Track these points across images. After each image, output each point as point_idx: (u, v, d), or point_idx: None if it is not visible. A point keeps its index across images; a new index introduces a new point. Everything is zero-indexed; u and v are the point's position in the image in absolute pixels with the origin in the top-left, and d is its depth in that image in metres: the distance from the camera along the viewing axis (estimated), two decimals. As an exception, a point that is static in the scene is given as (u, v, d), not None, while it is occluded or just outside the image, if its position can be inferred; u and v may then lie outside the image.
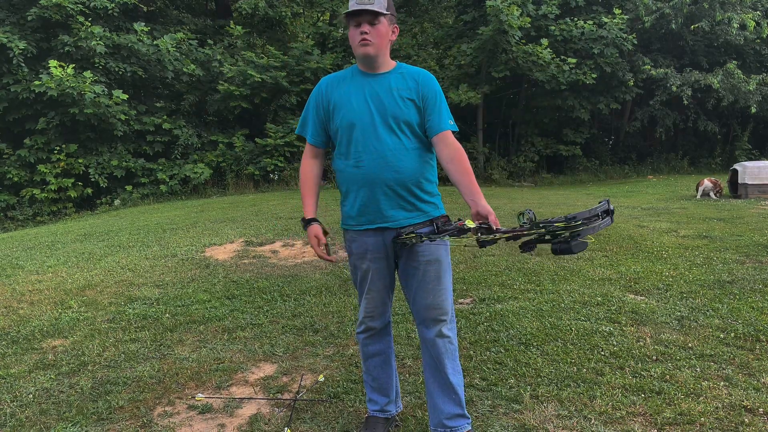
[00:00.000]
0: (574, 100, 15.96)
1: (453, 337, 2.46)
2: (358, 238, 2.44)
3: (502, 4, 13.81)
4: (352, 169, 2.35)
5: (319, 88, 2.46)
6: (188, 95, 14.80)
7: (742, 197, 10.03)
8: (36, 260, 6.25)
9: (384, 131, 2.31)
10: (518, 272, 5.10)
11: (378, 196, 2.32)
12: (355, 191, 2.36)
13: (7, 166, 12.47)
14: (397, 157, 2.30)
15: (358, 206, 2.37)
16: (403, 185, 2.32)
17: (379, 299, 2.48)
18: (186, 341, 3.75)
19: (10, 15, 13.04)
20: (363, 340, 2.56)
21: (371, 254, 2.42)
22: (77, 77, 12.08)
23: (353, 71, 2.43)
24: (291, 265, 5.58)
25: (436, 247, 2.38)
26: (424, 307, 2.41)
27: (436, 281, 2.39)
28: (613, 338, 3.52)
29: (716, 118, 17.95)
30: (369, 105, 2.33)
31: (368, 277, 2.45)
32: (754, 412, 2.62)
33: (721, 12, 15.94)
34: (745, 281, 4.62)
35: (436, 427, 2.44)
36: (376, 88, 2.35)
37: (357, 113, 2.33)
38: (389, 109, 2.31)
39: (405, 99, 2.33)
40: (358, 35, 2.28)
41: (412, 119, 2.33)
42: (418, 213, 2.37)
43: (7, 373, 3.34)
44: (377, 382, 2.57)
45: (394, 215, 2.35)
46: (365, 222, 2.38)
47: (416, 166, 2.34)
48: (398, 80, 2.36)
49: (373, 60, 2.34)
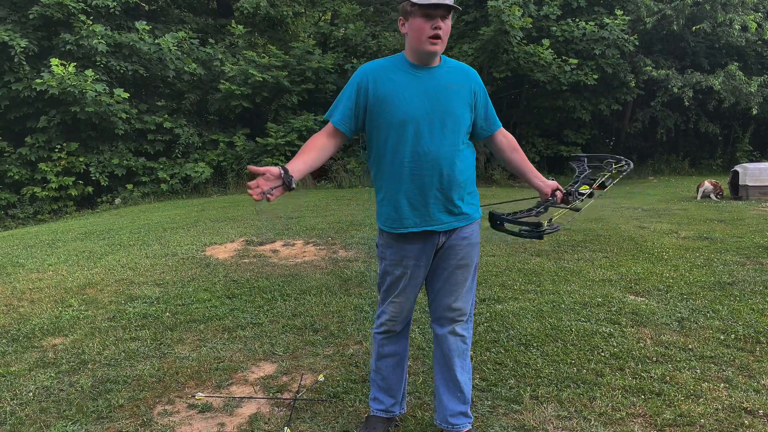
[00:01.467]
0: (575, 100, 15.96)
1: (467, 337, 2.44)
2: (395, 244, 2.31)
3: (504, 5, 13.80)
4: (400, 168, 2.20)
5: (364, 74, 2.24)
6: (189, 94, 14.81)
7: (743, 199, 10.02)
8: (36, 258, 6.26)
9: (441, 131, 2.19)
10: (518, 273, 5.10)
11: (428, 199, 2.21)
12: (404, 192, 2.22)
13: (8, 164, 12.48)
14: (452, 157, 2.21)
15: (406, 208, 2.23)
16: (454, 187, 2.23)
17: (407, 306, 2.41)
18: (186, 340, 3.75)
19: (11, 13, 13.05)
20: (380, 340, 2.50)
21: (408, 260, 2.30)
22: (78, 76, 12.08)
23: (400, 62, 2.25)
24: (291, 265, 5.58)
25: (469, 251, 2.34)
26: (444, 307, 2.38)
27: (461, 284, 2.36)
28: (614, 339, 3.52)
29: (717, 120, 17.94)
30: (425, 102, 2.18)
31: (400, 283, 2.34)
32: (754, 414, 2.62)
33: (722, 13, 15.92)
34: (745, 283, 4.62)
35: (441, 422, 2.46)
36: (431, 84, 2.20)
37: (412, 109, 2.17)
38: (447, 107, 2.19)
39: (460, 96, 2.23)
40: (429, 30, 2.11)
41: (466, 118, 2.25)
42: (463, 216, 2.30)
43: (8, 371, 3.34)
44: (386, 382, 2.52)
45: (440, 218, 2.25)
46: (411, 225, 2.24)
47: (466, 167, 2.28)
48: (450, 75, 2.25)
49: (434, 56, 2.20)
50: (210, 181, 13.76)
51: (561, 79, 14.96)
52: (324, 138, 2.25)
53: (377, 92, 2.20)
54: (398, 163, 2.20)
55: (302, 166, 2.16)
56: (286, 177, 2.05)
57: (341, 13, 17.32)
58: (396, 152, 2.20)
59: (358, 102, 2.23)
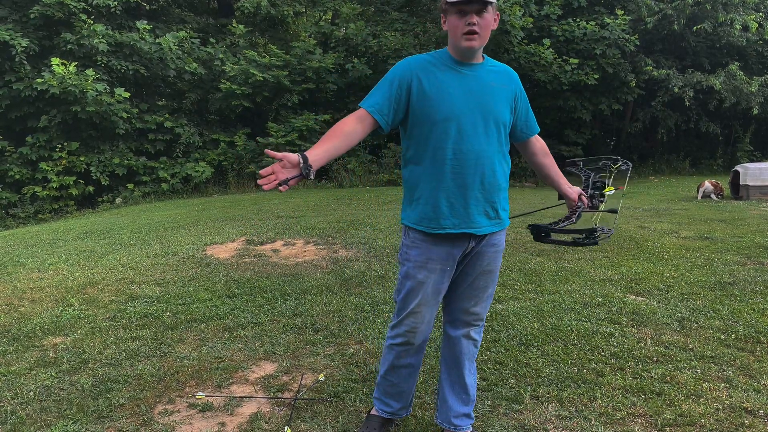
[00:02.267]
0: (575, 100, 15.96)
1: (479, 340, 2.44)
2: (422, 244, 2.21)
3: (505, 5, 13.80)
4: (441, 166, 2.14)
5: (408, 68, 2.16)
6: (190, 94, 14.81)
7: (744, 199, 10.02)
8: (37, 258, 6.26)
9: (484, 131, 2.14)
10: (519, 272, 5.10)
11: (469, 200, 2.15)
12: (444, 190, 2.15)
13: (9, 164, 12.49)
14: (494, 158, 2.18)
15: (444, 208, 2.15)
16: (495, 189, 2.20)
17: (427, 317, 2.31)
18: (187, 340, 3.75)
19: (12, 13, 13.06)
20: (397, 351, 2.38)
21: (433, 263, 2.22)
22: (79, 75, 12.09)
23: (442, 58, 2.18)
24: (292, 264, 5.58)
25: (495, 258, 2.31)
26: (462, 310, 2.36)
27: (483, 290, 2.34)
28: (614, 339, 3.52)
29: (718, 120, 17.93)
30: (470, 100, 2.13)
31: (421, 290, 2.24)
32: (754, 414, 2.62)
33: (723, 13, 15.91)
34: (746, 283, 4.62)
35: (443, 422, 2.44)
36: (475, 83, 2.16)
37: (456, 107, 2.11)
38: (491, 108, 2.15)
39: (503, 97, 2.20)
40: (464, 26, 2.05)
41: (508, 120, 2.22)
42: (498, 221, 2.26)
43: (8, 370, 3.34)
44: (396, 388, 2.46)
45: (479, 221, 2.19)
46: (448, 225, 2.16)
47: (504, 172, 2.24)
48: (493, 75, 2.21)
49: (474, 53, 2.15)
50: (211, 181, 13.76)
51: (562, 78, 14.96)
52: (352, 123, 2.10)
53: (422, 88, 2.13)
54: (439, 161, 2.13)
55: (323, 155, 1.99)
56: (305, 167, 1.91)
57: (342, 12, 17.31)
58: (438, 150, 2.13)
59: (400, 95, 2.14)
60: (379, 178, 14.04)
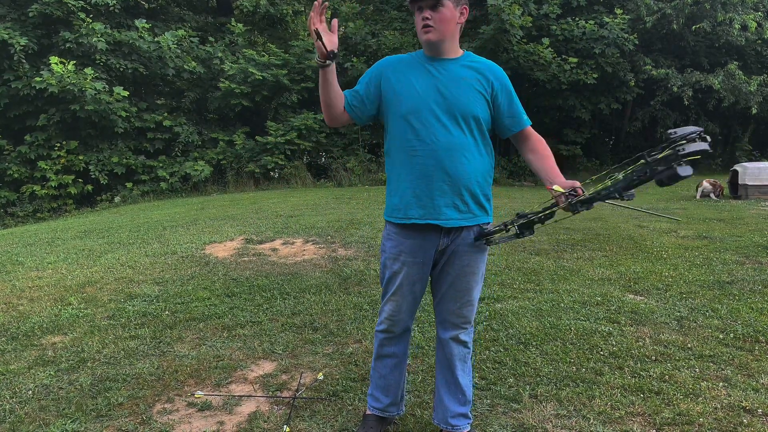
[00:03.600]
0: (574, 99, 15.96)
1: (469, 342, 2.43)
2: (395, 237, 2.30)
3: (504, 3, 13.80)
4: (407, 158, 2.21)
5: (380, 65, 2.32)
6: (189, 93, 14.80)
7: (742, 198, 10.03)
8: (36, 257, 6.26)
9: (448, 124, 2.17)
10: (518, 272, 5.10)
11: (433, 191, 2.19)
12: (409, 182, 2.21)
13: (7, 163, 12.49)
14: (458, 154, 2.17)
15: (410, 198, 2.21)
16: (461, 184, 2.19)
17: (403, 305, 2.37)
18: (185, 338, 3.75)
19: (11, 11, 13.04)
20: (380, 339, 2.48)
21: (405, 256, 2.28)
22: (78, 74, 12.08)
23: (418, 57, 2.29)
24: (291, 263, 5.58)
25: (476, 258, 2.30)
26: (447, 312, 2.37)
27: (465, 292, 2.34)
28: (613, 338, 3.52)
29: (717, 119, 17.95)
30: (434, 93, 2.18)
31: (396, 280, 2.32)
32: (752, 413, 2.63)
33: (722, 13, 15.93)
34: (744, 282, 4.62)
35: (440, 422, 2.45)
36: (444, 76, 2.21)
37: (420, 100, 2.18)
38: (456, 101, 2.18)
39: (475, 90, 2.20)
40: (421, 21, 2.17)
41: (480, 114, 2.21)
42: (471, 216, 2.24)
43: (7, 369, 3.34)
44: (384, 380, 2.51)
45: (447, 213, 2.20)
46: (415, 216, 2.22)
47: (476, 168, 2.22)
48: (468, 70, 2.23)
49: (437, 46, 2.21)
50: (209, 180, 13.76)
51: (561, 78, 14.96)
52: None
53: (390, 84, 2.25)
54: (406, 154, 2.22)
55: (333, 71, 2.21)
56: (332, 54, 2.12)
57: (341, 11, 17.30)
58: (404, 142, 2.22)
59: (369, 91, 2.28)
60: (378, 177, 14.05)
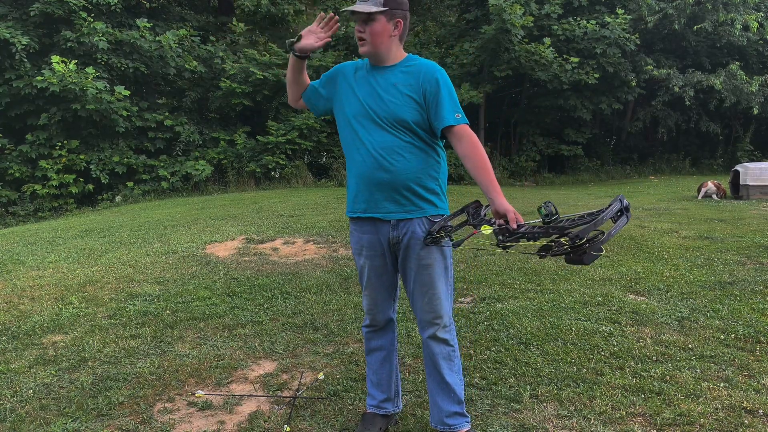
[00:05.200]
0: (576, 99, 15.95)
1: (450, 339, 2.43)
2: (355, 233, 2.46)
3: (505, 3, 13.79)
4: (350, 158, 2.40)
5: (336, 69, 2.51)
6: (190, 92, 14.80)
7: (744, 198, 10.02)
8: (37, 256, 6.26)
9: (379, 128, 2.30)
10: (519, 271, 5.10)
11: (371, 188, 2.33)
12: (355, 178, 2.38)
13: (8, 162, 12.48)
14: (394, 153, 2.28)
15: (354, 193, 2.40)
16: (396, 184, 2.29)
17: (377, 297, 2.48)
18: (186, 338, 3.75)
19: (12, 10, 13.04)
20: (366, 333, 2.58)
21: (366, 251, 2.42)
22: (79, 73, 12.07)
23: (365, 64, 2.43)
24: (291, 263, 5.58)
25: (429, 251, 2.34)
26: (419, 309, 2.42)
27: (429, 285, 2.36)
28: (614, 338, 3.52)
29: (718, 119, 17.94)
30: (368, 100, 2.32)
31: (364, 273, 2.46)
32: (753, 414, 2.62)
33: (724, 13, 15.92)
34: (746, 282, 4.61)
35: (437, 424, 2.45)
36: (379, 83, 2.34)
37: (356, 107, 2.35)
38: (386, 106, 2.29)
39: (404, 95, 2.29)
40: (357, 34, 2.33)
41: (408, 117, 2.27)
42: (414, 208, 2.33)
43: (8, 368, 3.34)
44: (377, 376, 2.57)
45: (386, 207, 2.33)
46: (359, 210, 2.39)
47: (412, 166, 2.29)
48: (401, 75, 2.33)
49: (372, 57, 2.35)
50: (210, 179, 13.76)
51: (562, 77, 14.96)
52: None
53: (341, 88, 2.44)
54: (350, 153, 2.40)
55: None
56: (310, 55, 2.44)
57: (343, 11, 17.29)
58: (348, 142, 2.40)
59: (326, 89, 2.49)
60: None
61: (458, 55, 15.67)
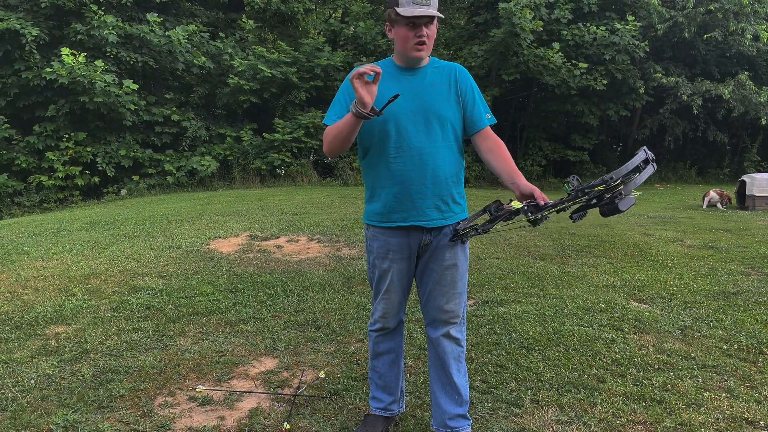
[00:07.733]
0: (583, 105, 15.91)
1: (461, 339, 2.45)
2: (380, 237, 2.37)
3: (515, 7, 13.77)
4: (385, 165, 2.27)
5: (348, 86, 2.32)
6: (198, 88, 14.84)
7: (750, 209, 9.98)
8: (41, 247, 6.28)
9: (425, 128, 2.25)
10: (522, 276, 5.09)
11: (413, 195, 2.26)
12: (389, 188, 2.28)
13: (15, 152, 12.53)
14: (438, 153, 2.25)
15: (391, 203, 2.29)
16: (440, 185, 2.27)
17: (396, 301, 2.44)
18: (188, 333, 3.76)
19: (24, 2, 13.09)
20: (375, 337, 2.54)
21: (393, 254, 2.36)
22: (88, 66, 12.11)
23: (388, 66, 2.33)
24: (295, 261, 5.58)
25: (455, 252, 2.36)
26: (436, 309, 2.40)
27: (451, 285, 2.38)
28: (616, 345, 3.51)
29: (726, 129, 17.86)
30: (408, 101, 2.24)
31: (387, 277, 2.40)
32: (755, 425, 2.61)
33: (734, 22, 15.85)
34: (749, 293, 4.60)
35: (439, 426, 2.44)
36: (416, 83, 2.28)
37: (396, 107, 2.21)
38: (431, 106, 2.25)
39: (444, 94, 2.28)
40: (414, 38, 2.20)
41: (451, 116, 2.28)
42: (451, 214, 2.33)
43: (10, 358, 3.35)
44: (383, 379, 2.55)
45: (429, 214, 2.29)
46: (397, 219, 2.30)
47: (452, 166, 2.30)
48: (436, 75, 2.30)
49: (421, 60, 2.29)
50: (216, 175, 13.78)
51: (570, 83, 14.92)
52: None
53: None
54: (384, 160, 2.28)
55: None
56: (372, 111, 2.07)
57: (352, 10, 17.31)
58: (382, 150, 2.28)
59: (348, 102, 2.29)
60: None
61: (467, 57, 15.64)
